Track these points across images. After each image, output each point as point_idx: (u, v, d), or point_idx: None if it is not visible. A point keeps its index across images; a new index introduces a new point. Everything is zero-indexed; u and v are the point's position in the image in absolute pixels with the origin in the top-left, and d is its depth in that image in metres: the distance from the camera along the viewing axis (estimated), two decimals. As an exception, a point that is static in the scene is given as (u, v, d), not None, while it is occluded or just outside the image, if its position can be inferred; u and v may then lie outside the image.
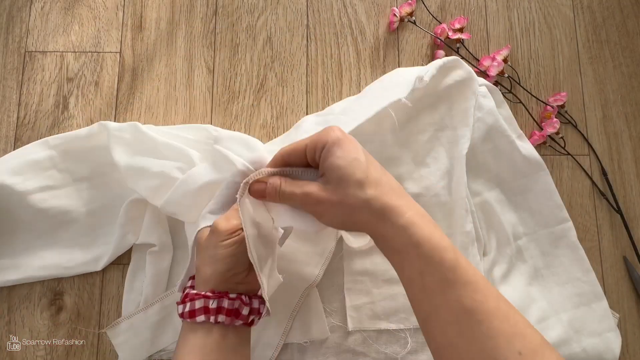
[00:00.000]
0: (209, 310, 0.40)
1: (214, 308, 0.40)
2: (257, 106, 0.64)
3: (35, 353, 0.56)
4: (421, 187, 0.58)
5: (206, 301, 0.40)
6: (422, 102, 0.60)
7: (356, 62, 0.65)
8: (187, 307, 0.40)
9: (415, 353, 0.56)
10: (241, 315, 0.41)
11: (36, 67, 0.63)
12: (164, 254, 0.56)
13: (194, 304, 0.40)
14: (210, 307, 0.39)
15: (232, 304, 0.40)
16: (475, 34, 0.67)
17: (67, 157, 0.58)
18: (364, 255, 0.58)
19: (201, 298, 0.40)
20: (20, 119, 0.62)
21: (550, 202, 0.60)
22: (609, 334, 0.57)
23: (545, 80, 0.66)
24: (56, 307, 0.57)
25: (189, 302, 0.40)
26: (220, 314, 0.40)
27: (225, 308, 0.40)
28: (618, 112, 0.66)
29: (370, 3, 0.67)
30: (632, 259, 0.62)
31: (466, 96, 0.59)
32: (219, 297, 0.40)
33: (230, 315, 0.40)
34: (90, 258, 0.57)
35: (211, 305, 0.40)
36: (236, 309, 0.40)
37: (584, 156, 0.65)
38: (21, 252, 0.57)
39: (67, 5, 0.65)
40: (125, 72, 0.64)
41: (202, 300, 0.40)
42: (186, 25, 0.65)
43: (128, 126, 0.57)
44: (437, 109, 0.60)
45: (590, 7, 0.69)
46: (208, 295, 0.40)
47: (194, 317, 0.40)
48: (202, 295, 0.40)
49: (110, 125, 0.57)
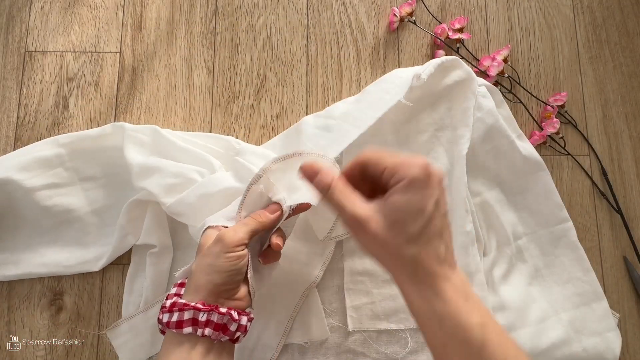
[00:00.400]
0: (197, 323, 0.39)
1: (203, 321, 0.38)
2: (257, 106, 0.64)
3: (35, 353, 0.56)
4: (421, 187, 0.58)
5: (196, 313, 0.39)
6: (422, 102, 0.60)
7: (356, 62, 0.65)
8: (174, 316, 0.39)
9: (415, 353, 0.56)
10: (228, 331, 0.40)
11: (36, 67, 0.63)
12: (164, 255, 0.56)
13: (182, 314, 0.39)
14: (200, 319, 0.38)
15: (221, 318, 0.39)
16: (475, 34, 0.67)
17: (76, 156, 0.58)
18: (364, 255, 0.58)
19: (191, 309, 0.39)
20: (20, 119, 0.62)
21: (550, 202, 0.60)
22: (609, 333, 0.57)
23: (545, 80, 0.66)
24: (56, 307, 0.57)
25: (177, 312, 0.39)
26: (208, 328, 0.39)
27: (214, 322, 0.39)
28: (618, 112, 0.66)
29: (370, 3, 0.67)
30: (632, 259, 0.62)
31: (466, 96, 0.59)
32: (209, 310, 0.39)
33: (217, 330, 0.39)
34: (90, 257, 0.57)
35: (200, 317, 0.38)
36: (224, 324, 0.39)
37: (584, 156, 0.65)
38: (22, 248, 0.57)
39: (67, 5, 0.65)
40: (125, 72, 0.64)
41: (191, 312, 0.39)
42: (186, 25, 0.65)
43: (146, 128, 0.58)
44: (436, 109, 0.60)
45: (590, 7, 0.69)
46: (199, 307, 0.39)
47: (180, 328, 0.38)
48: (192, 306, 0.39)
49: (127, 126, 0.57)
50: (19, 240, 0.57)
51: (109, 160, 0.58)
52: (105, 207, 0.58)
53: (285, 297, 0.55)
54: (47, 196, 0.57)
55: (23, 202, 0.57)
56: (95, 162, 0.59)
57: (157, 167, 0.54)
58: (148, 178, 0.54)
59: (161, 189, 0.53)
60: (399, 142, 0.59)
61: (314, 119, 0.60)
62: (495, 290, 0.57)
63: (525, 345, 0.55)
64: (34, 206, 0.57)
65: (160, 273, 0.56)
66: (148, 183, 0.53)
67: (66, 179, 0.58)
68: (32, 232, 0.57)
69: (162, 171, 0.54)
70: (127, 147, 0.56)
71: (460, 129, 0.58)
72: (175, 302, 0.40)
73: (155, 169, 0.54)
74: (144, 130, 0.58)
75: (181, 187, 0.53)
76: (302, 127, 0.59)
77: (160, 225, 0.56)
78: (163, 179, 0.53)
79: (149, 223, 0.55)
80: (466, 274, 0.54)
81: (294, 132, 0.60)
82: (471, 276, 0.54)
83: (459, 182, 0.56)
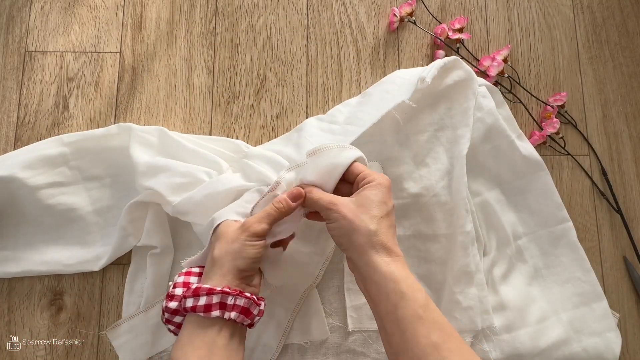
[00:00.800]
0: (225, 306, 0.40)
1: (231, 304, 0.40)
2: (257, 106, 0.64)
3: (35, 353, 0.56)
4: (421, 187, 0.58)
5: (224, 297, 0.40)
6: (422, 102, 0.60)
7: (356, 62, 0.65)
8: (201, 300, 0.40)
9: (415, 353, 0.56)
10: (251, 314, 0.42)
11: (36, 67, 0.63)
12: (165, 256, 0.56)
13: (211, 298, 0.40)
14: (228, 303, 0.40)
15: (247, 302, 0.41)
16: (475, 34, 0.67)
17: (80, 155, 0.58)
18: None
19: (219, 293, 0.40)
20: (20, 119, 0.62)
21: (550, 202, 0.60)
22: (609, 333, 0.57)
23: (545, 80, 0.66)
24: (56, 307, 0.57)
25: (206, 296, 0.40)
26: (234, 311, 0.41)
27: (240, 306, 0.41)
28: (618, 112, 0.66)
29: (370, 3, 0.67)
30: (632, 259, 0.62)
31: (466, 96, 0.59)
32: (237, 294, 0.41)
33: (242, 313, 0.41)
34: (91, 257, 0.57)
35: (229, 301, 0.40)
36: (248, 308, 0.42)
37: (584, 156, 0.65)
38: (23, 245, 0.57)
39: (67, 5, 0.65)
40: (125, 72, 0.64)
41: (219, 296, 0.40)
42: (186, 25, 0.65)
43: (154, 129, 0.58)
44: (437, 109, 0.60)
45: (590, 7, 0.69)
46: (227, 292, 0.40)
47: (209, 312, 0.40)
48: (220, 290, 0.40)
49: (135, 127, 0.57)
50: (20, 238, 0.57)
51: (113, 161, 0.59)
52: (108, 207, 0.58)
53: (285, 297, 0.55)
54: (50, 195, 0.57)
55: (26, 200, 0.57)
56: (99, 162, 0.59)
57: (165, 167, 0.54)
58: (154, 177, 0.54)
59: (168, 188, 0.53)
60: (399, 142, 0.59)
61: (317, 122, 0.60)
62: (495, 290, 0.57)
63: (525, 345, 0.55)
64: (36, 204, 0.57)
65: (160, 273, 0.56)
66: (154, 182, 0.53)
67: (70, 178, 0.58)
68: (34, 230, 0.57)
69: (169, 170, 0.54)
70: (133, 146, 0.56)
71: (460, 129, 0.58)
72: (200, 286, 0.41)
73: (162, 168, 0.54)
74: (151, 131, 0.58)
75: (189, 186, 0.53)
76: (305, 127, 0.59)
77: (161, 227, 0.56)
78: (170, 178, 0.53)
79: (150, 224, 0.55)
80: (466, 273, 0.54)
81: (295, 133, 0.60)
82: (471, 276, 0.54)
83: (459, 182, 0.56)
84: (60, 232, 0.58)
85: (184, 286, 0.43)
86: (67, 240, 0.57)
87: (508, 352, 0.55)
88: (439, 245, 0.57)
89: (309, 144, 0.57)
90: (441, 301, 0.56)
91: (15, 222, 0.57)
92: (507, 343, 0.55)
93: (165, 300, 0.43)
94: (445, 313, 0.54)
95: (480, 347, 0.54)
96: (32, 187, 0.56)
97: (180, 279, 0.44)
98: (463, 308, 0.53)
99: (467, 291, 0.54)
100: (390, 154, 0.59)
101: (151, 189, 0.53)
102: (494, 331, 0.55)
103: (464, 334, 0.54)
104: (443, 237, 0.57)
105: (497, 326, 0.55)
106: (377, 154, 0.60)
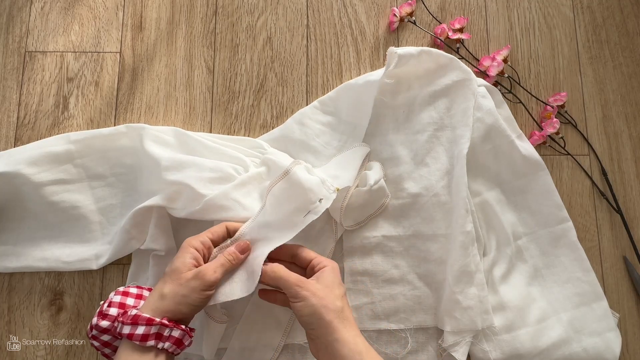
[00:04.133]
0: (161, 337, 0.43)
1: (167, 336, 0.43)
2: (257, 106, 0.64)
3: (35, 353, 0.56)
4: (421, 186, 0.58)
5: (161, 328, 0.43)
6: (422, 102, 0.60)
7: (356, 62, 0.65)
8: (139, 329, 0.42)
9: (415, 353, 0.56)
10: (183, 345, 0.45)
11: (36, 67, 0.63)
12: (168, 257, 0.56)
13: (149, 329, 0.42)
14: (164, 334, 0.43)
15: (181, 334, 0.44)
16: (475, 34, 0.67)
17: (86, 154, 0.58)
18: (364, 255, 0.58)
19: (157, 324, 0.43)
20: (21, 119, 0.62)
21: (550, 202, 0.60)
22: (609, 333, 0.57)
23: (545, 80, 0.66)
24: (56, 307, 0.57)
25: (144, 326, 0.42)
26: (169, 342, 0.43)
27: (175, 337, 0.44)
28: (618, 112, 0.66)
29: (370, 3, 0.67)
30: (632, 259, 0.62)
31: (465, 96, 0.59)
32: (174, 326, 0.43)
33: (175, 344, 0.44)
34: (91, 255, 0.57)
35: (165, 332, 0.43)
36: (181, 339, 0.44)
37: (584, 156, 0.65)
38: (24, 241, 0.57)
39: (67, 5, 0.65)
40: (125, 72, 0.64)
41: (157, 327, 0.43)
42: (186, 25, 0.65)
43: (169, 129, 0.58)
44: (436, 109, 0.60)
45: (590, 7, 0.69)
46: (165, 324, 0.43)
47: (145, 341, 0.42)
48: (159, 322, 0.43)
49: (148, 126, 0.58)
50: (22, 234, 0.57)
51: (118, 160, 0.59)
52: (111, 206, 0.58)
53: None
54: (54, 191, 0.57)
55: (30, 196, 0.57)
56: (105, 160, 0.59)
57: (191, 162, 0.54)
58: (181, 171, 0.54)
59: (199, 182, 0.53)
60: (398, 141, 0.59)
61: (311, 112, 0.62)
62: (495, 290, 0.57)
63: (525, 345, 0.55)
64: (40, 201, 0.57)
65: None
66: (182, 176, 0.53)
67: (74, 175, 0.58)
68: (36, 226, 0.58)
69: (198, 165, 0.54)
70: (148, 144, 0.56)
71: (460, 129, 0.58)
72: (139, 315, 0.43)
73: (190, 162, 0.54)
74: (166, 131, 0.58)
75: (221, 181, 0.54)
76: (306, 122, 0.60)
77: (165, 231, 0.56)
78: (201, 172, 0.54)
79: (154, 229, 0.55)
80: (466, 273, 0.54)
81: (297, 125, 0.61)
82: (471, 276, 0.54)
83: (459, 182, 0.56)
84: (62, 229, 0.58)
85: (119, 307, 0.46)
86: (68, 238, 0.57)
87: (508, 352, 0.55)
88: (438, 245, 0.57)
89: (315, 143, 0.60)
90: (441, 301, 0.56)
91: (18, 217, 0.58)
92: (507, 343, 0.55)
93: (97, 318, 0.45)
94: (445, 313, 0.55)
95: (480, 347, 0.55)
96: (36, 184, 0.56)
97: (117, 298, 0.46)
98: (463, 308, 0.53)
99: (467, 291, 0.54)
100: (390, 154, 0.59)
101: (179, 183, 0.53)
102: (493, 331, 0.55)
103: (464, 333, 0.54)
104: (443, 237, 0.57)
105: (497, 326, 0.55)
106: (377, 154, 0.60)
